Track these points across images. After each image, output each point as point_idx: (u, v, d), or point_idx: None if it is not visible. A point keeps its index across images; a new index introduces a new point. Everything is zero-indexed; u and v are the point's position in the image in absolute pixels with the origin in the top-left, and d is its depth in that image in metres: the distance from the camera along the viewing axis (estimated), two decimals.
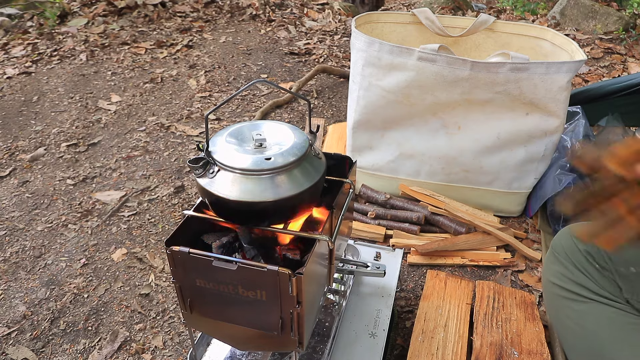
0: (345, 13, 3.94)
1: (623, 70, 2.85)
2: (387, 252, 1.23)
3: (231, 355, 0.96)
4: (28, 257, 1.51)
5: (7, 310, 1.34)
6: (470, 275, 1.45)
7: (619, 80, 1.75)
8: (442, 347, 1.10)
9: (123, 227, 1.63)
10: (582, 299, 0.85)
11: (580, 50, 1.44)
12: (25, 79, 2.66)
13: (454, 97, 1.43)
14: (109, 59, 2.89)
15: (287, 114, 2.34)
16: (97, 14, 3.40)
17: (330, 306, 1.06)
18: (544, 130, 1.47)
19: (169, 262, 0.76)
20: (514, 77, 1.35)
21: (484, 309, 1.20)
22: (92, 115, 2.32)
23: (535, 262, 1.49)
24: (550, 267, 0.92)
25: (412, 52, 1.38)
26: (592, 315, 0.84)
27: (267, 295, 0.73)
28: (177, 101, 2.45)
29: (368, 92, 1.50)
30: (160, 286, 1.41)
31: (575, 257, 0.88)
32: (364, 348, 0.99)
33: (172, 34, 3.23)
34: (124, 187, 1.83)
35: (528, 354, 1.08)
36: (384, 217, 1.61)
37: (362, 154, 1.65)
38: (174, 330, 1.27)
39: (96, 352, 1.22)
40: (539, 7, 4.19)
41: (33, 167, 1.95)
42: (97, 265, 1.48)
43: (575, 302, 0.86)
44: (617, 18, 3.42)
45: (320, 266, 0.83)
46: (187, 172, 1.91)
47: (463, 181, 1.61)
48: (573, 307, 0.87)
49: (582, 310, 0.85)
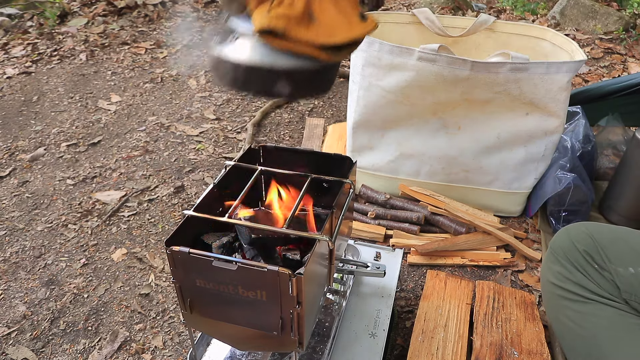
0: None
1: (623, 70, 2.85)
2: (387, 252, 1.23)
3: (231, 355, 0.96)
4: (28, 257, 1.51)
5: (7, 310, 1.34)
6: (470, 275, 1.45)
7: (619, 80, 1.75)
8: (442, 347, 1.10)
9: (123, 227, 1.63)
10: (581, 299, 0.85)
11: (580, 50, 1.44)
12: (25, 79, 2.66)
13: (454, 97, 1.43)
14: (108, 59, 2.89)
15: (287, 114, 2.34)
16: (97, 14, 3.40)
17: (330, 306, 1.06)
18: (544, 130, 1.47)
19: (169, 262, 0.76)
20: (514, 77, 1.35)
21: (484, 309, 1.20)
22: (92, 115, 2.32)
23: (535, 262, 1.49)
24: (550, 267, 0.92)
25: (412, 52, 1.37)
26: (591, 315, 0.84)
27: (267, 295, 0.73)
28: (177, 101, 2.45)
29: (368, 92, 1.50)
30: (160, 286, 1.41)
31: (573, 257, 0.88)
32: (364, 348, 0.99)
33: (172, 34, 3.23)
34: (124, 187, 1.83)
35: (528, 354, 1.08)
36: (384, 217, 1.61)
37: (362, 154, 1.65)
38: (174, 330, 1.27)
39: (96, 352, 1.22)
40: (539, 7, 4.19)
41: (33, 167, 1.95)
42: (97, 265, 1.48)
43: (574, 302, 0.86)
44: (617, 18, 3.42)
45: (320, 266, 0.83)
46: (188, 171, 1.91)
47: (463, 181, 1.61)
48: (572, 307, 0.87)
49: (581, 310, 0.85)
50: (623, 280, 0.82)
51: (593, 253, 0.86)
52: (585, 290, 0.85)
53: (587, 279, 0.85)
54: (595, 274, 0.85)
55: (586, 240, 0.87)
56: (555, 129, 1.47)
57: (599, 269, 0.84)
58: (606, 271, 0.84)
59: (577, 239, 0.89)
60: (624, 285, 0.82)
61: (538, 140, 1.49)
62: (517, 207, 1.65)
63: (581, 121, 1.66)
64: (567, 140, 1.61)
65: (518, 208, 1.65)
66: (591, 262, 0.85)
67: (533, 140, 1.49)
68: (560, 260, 0.90)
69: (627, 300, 0.82)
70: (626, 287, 0.82)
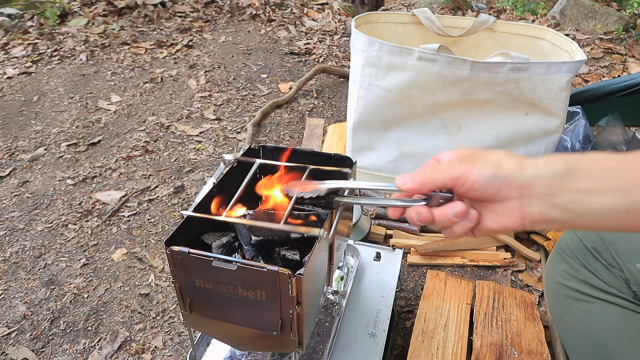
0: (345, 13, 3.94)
1: (623, 70, 2.85)
2: (387, 252, 1.23)
3: (231, 355, 0.96)
4: (28, 257, 1.51)
5: (7, 310, 1.34)
6: (470, 275, 1.45)
7: (619, 80, 1.75)
8: (442, 347, 1.10)
9: (123, 227, 1.63)
10: (588, 299, 0.85)
11: (580, 50, 1.44)
12: (25, 79, 2.66)
13: (454, 97, 1.43)
14: (109, 59, 2.89)
15: (287, 114, 2.34)
16: (97, 14, 3.40)
17: (330, 306, 1.06)
18: (544, 130, 1.47)
19: (168, 262, 0.76)
20: (514, 77, 1.35)
21: (484, 309, 1.20)
22: (92, 115, 2.32)
23: (535, 262, 1.49)
24: (555, 267, 0.92)
25: (412, 52, 1.37)
26: (598, 315, 0.84)
27: (267, 295, 0.73)
28: (177, 101, 2.45)
29: (368, 92, 1.50)
30: (160, 286, 1.41)
31: (581, 254, 0.87)
32: (364, 348, 0.99)
33: (172, 34, 3.23)
34: (124, 187, 1.83)
35: (528, 354, 1.08)
36: (384, 217, 1.61)
37: (362, 154, 1.65)
38: (174, 330, 1.27)
39: (96, 352, 1.22)
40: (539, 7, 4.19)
41: (33, 167, 1.95)
42: (97, 265, 1.48)
43: (581, 302, 0.86)
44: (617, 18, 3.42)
45: (320, 266, 0.83)
46: (188, 171, 1.91)
47: None
48: (578, 306, 0.86)
49: (587, 310, 0.85)
50: (632, 277, 0.82)
51: (601, 249, 0.85)
52: (592, 288, 0.85)
53: (595, 276, 0.85)
54: (604, 271, 0.84)
55: (594, 237, 0.87)
56: (555, 129, 1.47)
57: (608, 265, 0.84)
58: (615, 267, 0.83)
59: (585, 236, 0.88)
60: (634, 279, 0.81)
61: (538, 140, 1.49)
62: None
63: (581, 121, 1.66)
64: (567, 141, 1.61)
65: None
66: (599, 259, 0.85)
67: (533, 140, 1.49)
68: (566, 259, 0.89)
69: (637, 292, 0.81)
70: (636, 281, 0.81)
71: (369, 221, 1.54)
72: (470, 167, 0.53)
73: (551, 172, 0.51)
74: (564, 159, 0.52)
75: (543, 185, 0.51)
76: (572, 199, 0.50)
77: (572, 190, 0.50)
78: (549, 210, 0.51)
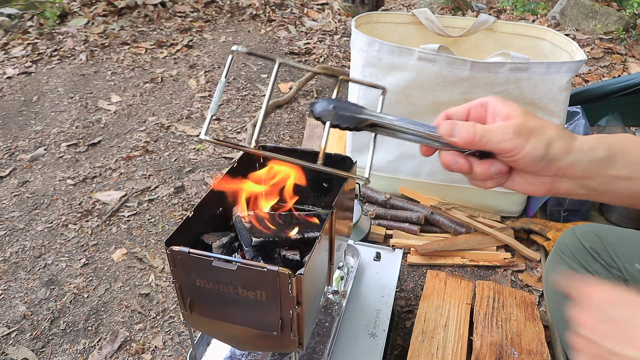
0: (345, 13, 3.94)
1: (623, 70, 2.85)
2: (387, 252, 1.23)
3: (231, 355, 0.96)
4: (28, 257, 1.51)
5: (7, 310, 1.34)
6: (470, 275, 1.45)
7: (619, 80, 1.75)
8: (442, 347, 1.10)
9: (123, 227, 1.63)
10: None
11: (580, 50, 1.44)
12: (25, 79, 2.66)
13: (454, 97, 1.43)
14: (109, 59, 2.89)
15: (287, 114, 2.34)
16: (97, 14, 3.40)
17: (330, 306, 1.06)
18: None
19: (169, 262, 0.76)
20: (514, 77, 1.35)
21: (484, 309, 1.20)
22: (92, 115, 2.32)
23: (535, 262, 1.49)
24: (553, 267, 0.92)
25: (412, 52, 1.37)
26: None
27: (267, 295, 0.73)
28: (177, 101, 2.45)
29: (368, 92, 1.50)
30: (160, 286, 1.41)
31: (580, 254, 0.88)
32: (364, 348, 0.99)
33: (172, 34, 3.23)
34: (124, 187, 1.83)
35: (528, 354, 1.08)
36: (384, 217, 1.61)
37: (362, 154, 1.65)
38: (174, 330, 1.27)
39: (96, 352, 1.22)
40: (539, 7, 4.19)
41: (33, 167, 1.95)
42: (97, 265, 1.48)
43: None
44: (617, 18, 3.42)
45: (320, 266, 0.83)
46: (188, 171, 1.91)
47: (463, 181, 1.61)
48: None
49: None
50: (631, 278, 0.82)
51: (600, 250, 0.86)
52: None
53: (594, 276, 0.85)
54: (602, 271, 0.85)
55: (593, 238, 0.87)
56: None
57: (607, 265, 0.84)
58: (614, 268, 0.84)
59: (584, 237, 0.89)
60: (632, 279, 0.82)
61: None
62: (517, 207, 1.65)
63: (581, 121, 1.66)
64: None
65: (518, 208, 1.65)
66: (598, 259, 0.85)
67: None
68: (565, 259, 0.90)
69: None
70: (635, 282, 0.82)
71: (369, 221, 1.54)
72: (523, 144, 0.51)
73: (591, 159, 0.53)
74: (607, 143, 0.54)
75: (580, 170, 0.53)
76: (603, 182, 0.53)
77: (606, 176, 0.53)
78: (576, 188, 0.54)
